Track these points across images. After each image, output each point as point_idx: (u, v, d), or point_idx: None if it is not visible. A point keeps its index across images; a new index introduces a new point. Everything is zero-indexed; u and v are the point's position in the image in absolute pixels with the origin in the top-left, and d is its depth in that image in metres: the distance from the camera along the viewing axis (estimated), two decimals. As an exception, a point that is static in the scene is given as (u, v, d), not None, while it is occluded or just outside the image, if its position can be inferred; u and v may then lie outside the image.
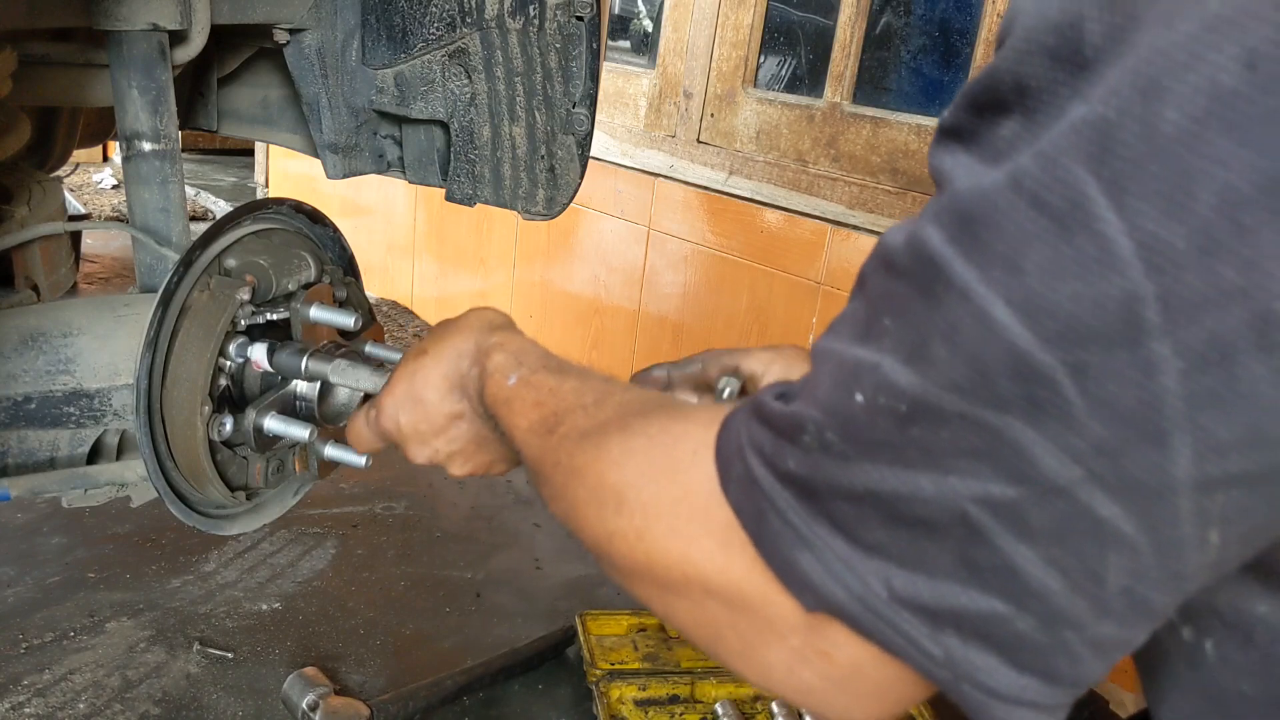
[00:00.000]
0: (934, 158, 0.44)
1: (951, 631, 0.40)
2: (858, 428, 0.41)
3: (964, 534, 0.39)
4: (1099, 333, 0.35)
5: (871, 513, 0.41)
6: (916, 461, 0.40)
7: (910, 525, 0.40)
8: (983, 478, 0.38)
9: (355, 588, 2.17)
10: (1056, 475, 0.37)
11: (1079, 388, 0.36)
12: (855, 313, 0.45)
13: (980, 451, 0.38)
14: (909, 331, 0.40)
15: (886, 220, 2.28)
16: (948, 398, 0.38)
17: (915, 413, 0.39)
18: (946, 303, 0.39)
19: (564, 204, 1.42)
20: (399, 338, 3.59)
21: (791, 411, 0.45)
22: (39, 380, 1.11)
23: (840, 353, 0.44)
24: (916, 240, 0.41)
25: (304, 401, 1.13)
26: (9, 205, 1.36)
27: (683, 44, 2.75)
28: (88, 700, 1.74)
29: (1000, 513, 0.38)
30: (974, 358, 0.38)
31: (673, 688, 1.83)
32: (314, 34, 1.36)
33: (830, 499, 0.42)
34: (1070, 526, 0.37)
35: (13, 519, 2.26)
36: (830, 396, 0.43)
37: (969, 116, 0.41)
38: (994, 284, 0.37)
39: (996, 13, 2.11)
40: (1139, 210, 0.34)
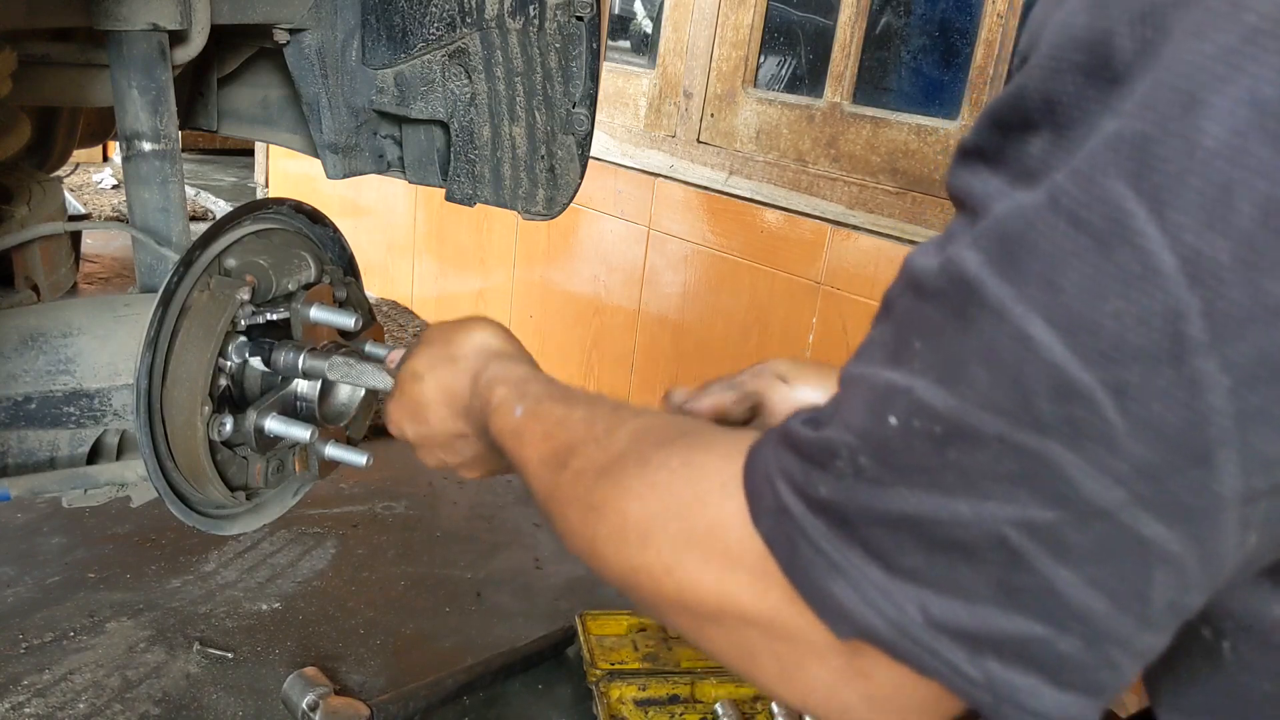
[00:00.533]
0: (957, 179, 0.43)
1: (991, 655, 0.39)
2: (892, 452, 0.41)
3: (1003, 558, 0.38)
4: (1142, 351, 0.34)
5: (907, 538, 0.40)
6: (953, 485, 0.39)
7: (947, 550, 0.39)
8: (1021, 502, 0.37)
9: (355, 588, 2.17)
10: (1098, 498, 0.36)
11: (1120, 408, 0.35)
12: (883, 337, 0.44)
13: (1019, 475, 0.37)
14: (942, 353, 0.40)
15: (886, 220, 2.28)
16: (985, 419, 0.38)
17: (952, 435, 0.39)
18: (982, 323, 0.38)
19: (564, 204, 1.42)
20: (399, 338, 3.59)
21: (822, 438, 0.44)
22: (39, 380, 1.11)
23: (870, 377, 0.43)
24: (951, 264, 0.40)
25: (304, 402, 1.13)
26: (9, 205, 1.36)
27: (683, 44, 2.75)
28: (88, 700, 1.74)
29: (1040, 536, 0.37)
30: (1012, 379, 0.37)
31: (673, 688, 1.83)
32: (314, 34, 1.36)
33: (864, 525, 0.41)
34: (1113, 548, 0.37)
35: (13, 519, 2.26)
36: (863, 421, 0.42)
37: (994, 137, 0.41)
38: (1032, 303, 0.36)
39: (996, 13, 2.11)
40: (1181, 224, 0.33)
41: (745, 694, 1.84)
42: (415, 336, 3.61)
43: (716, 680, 1.84)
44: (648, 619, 2.03)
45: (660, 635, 2.00)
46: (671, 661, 1.92)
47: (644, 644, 1.96)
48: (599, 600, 2.16)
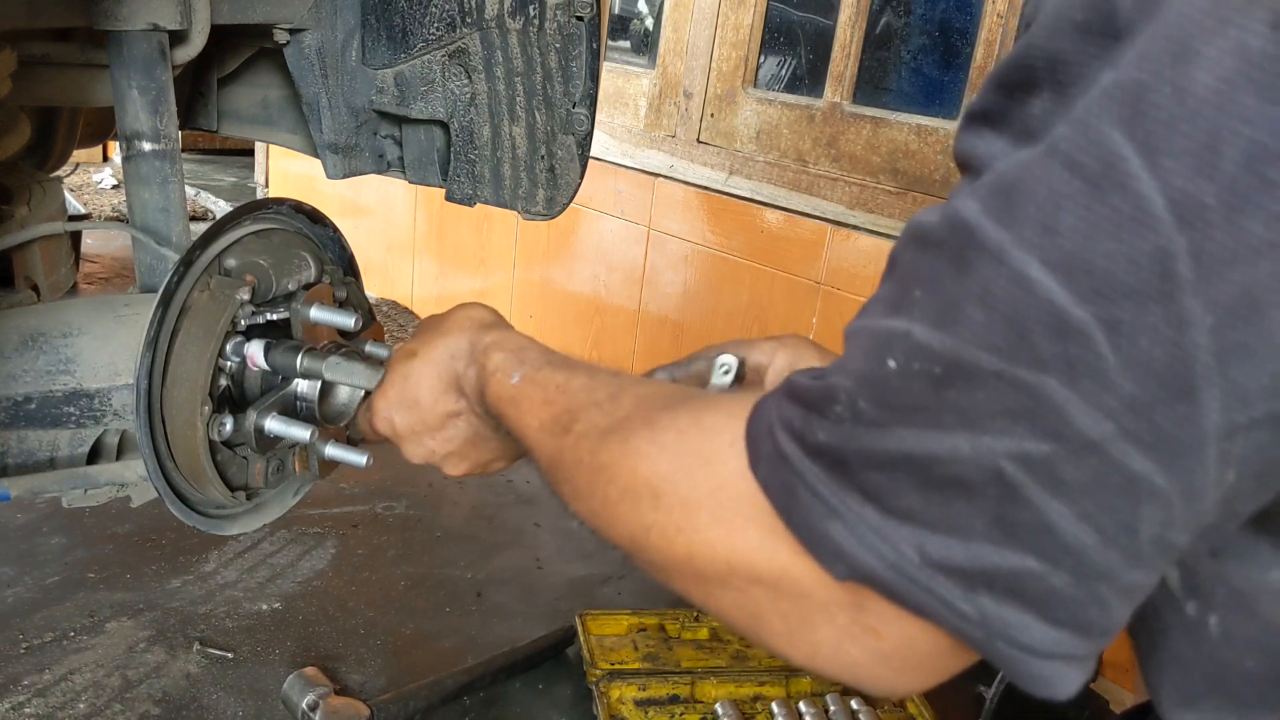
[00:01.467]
0: (962, 143, 0.44)
1: (984, 591, 0.40)
2: (891, 392, 0.42)
3: (999, 493, 0.39)
4: (1133, 289, 0.36)
5: (904, 479, 0.41)
6: (952, 423, 0.40)
7: (944, 488, 0.40)
8: (1018, 435, 0.38)
9: (355, 588, 2.17)
10: (1090, 431, 0.37)
11: (1113, 344, 0.36)
12: (885, 292, 0.45)
13: (1016, 410, 0.38)
14: (940, 297, 0.41)
15: (886, 220, 2.28)
16: (984, 357, 0.39)
17: (950, 374, 0.40)
18: (980, 267, 0.39)
19: (564, 204, 1.42)
20: (399, 338, 3.59)
21: (822, 384, 0.45)
22: (39, 380, 1.11)
23: (870, 327, 0.44)
24: (951, 213, 0.41)
25: (304, 402, 1.13)
26: (9, 205, 1.36)
27: (683, 44, 2.75)
28: (88, 700, 1.74)
29: (1035, 469, 0.38)
30: (1010, 317, 0.38)
31: (673, 688, 1.83)
32: (314, 34, 1.36)
33: (861, 468, 0.42)
34: (1103, 481, 0.38)
35: (13, 519, 2.26)
36: (862, 365, 0.43)
37: (999, 98, 0.42)
38: (1029, 245, 0.38)
39: (996, 13, 2.11)
40: (1171, 169, 0.35)
41: (745, 694, 1.84)
42: (415, 336, 3.62)
43: (716, 680, 1.84)
44: (648, 619, 2.03)
45: (660, 635, 2.00)
46: (671, 661, 1.92)
47: (644, 644, 1.96)
48: (599, 600, 2.16)
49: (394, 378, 0.82)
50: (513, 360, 0.71)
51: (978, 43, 2.15)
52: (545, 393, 0.66)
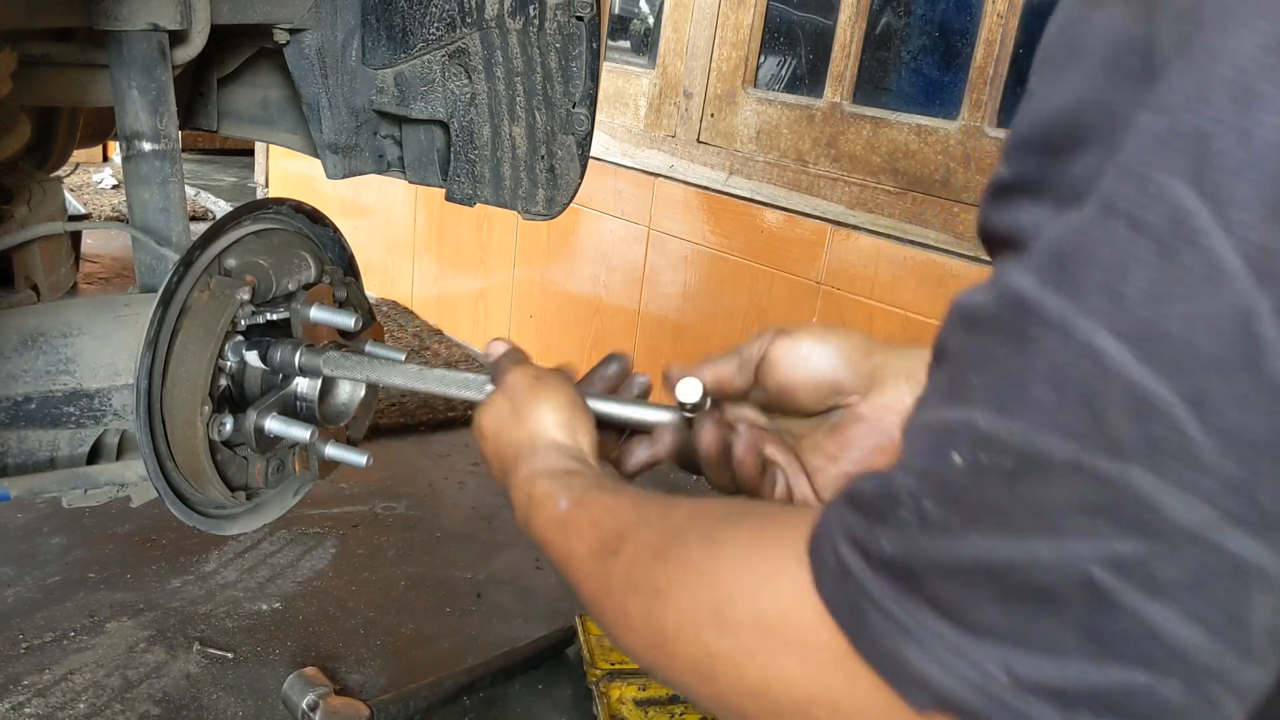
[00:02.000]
0: (996, 219, 0.41)
1: (1087, 712, 0.36)
2: (959, 491, 0.38)
3: (1090, 601, 0.35)
4: (1215, 356, 0.33)
5: (982, 590, 0.37)
6: (1028, 525, 0.36)
7: (1027, 599, 0.36)
8: (1105, 535, 0.35)
9: (355, 588, 2.17)
10: (1186, 520, 0.34)
11: (1200, 420, 0.33)
12: (937, 382, 0.42)
13: (1099, 506, 0.35)
14: (1001, 379, 0.38)
15: (886, 220, 2.28)
16: (1057, 444, 0.35)
17: (1022, 467, 0.36)
18: (1042, 342, 0.36)
19: (564, 204, 1.42)
20: (399, 338, 3.59)
21: (882, 486, 0.41)
22: (39, 380, 1.11)
23: (928, 421, 0.41)
24: (1002, 289, 0.38)
25: (304, 402, 1.13)
26: (9, 205, 1.36)
27: (683, 44, 2.75)
28: (88, 700, 1.74)
29: (1128, 572, 0.35)
30: (1082, 396, 0.35)
31: (673, 688, 1.83)
32: (314, 34, 1.36)
33: (933, 579, 0.39)
34: (1207, 573, 0.34)
35: (13, 519, 2.26)
36: (924, 462, 0.40)
37: (1035, 163, 0.39)
38: (1095, 314, 0.35)
39: (996, 13, 2.11)
40: (1244, 221, 0.32)
41: (745, 694, 1.84)
42: (415, 336, 3.62)
43: (716, 680, 1.84)
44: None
45: (660, 635, 2.00)
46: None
47: (644, 644, 1.96)
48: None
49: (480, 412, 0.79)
50: (560, 487, 0.67)
51: (978, 43, 2.15)
52: (592, 513, 0.62)
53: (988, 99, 2.13)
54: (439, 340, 3.63)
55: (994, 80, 2.13)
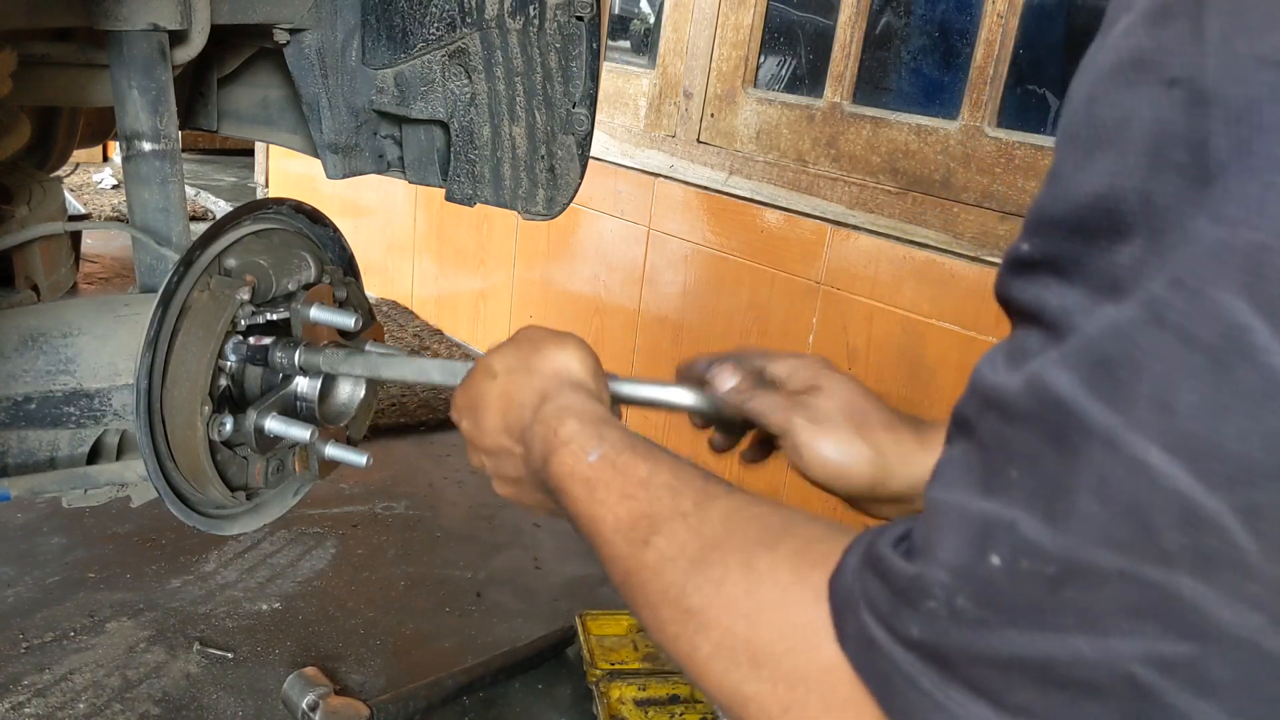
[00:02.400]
0: (1020, 291, 0.40)
1: None
2: (997, 593, 0.38)
3: (1131, 695, 0.35)
4: (1272, 471, 0.33)
5: (1019, 678, 0.37)
6: (1070, 625, 0.36)
7: (1066, 689, 0.37)
8: (1150, 636, 0.35)
9: (355, 588, 2.17)
10: (1236, 627, 0.34)
11: (1253, 531, 0.33)
12: (968, 460, 0.41)
13: (1145, 610, 0.35)
14: (1045, 485, 0.37)
15: (886, 220, 2.28)
16: (1103, 555, 0.35)
17: (1066, 574, 0.36)
18: (1089, 452, 0.36)
19: (564, 204, 1.42)
20: (399, 338, 3.59)
21: (913, 575, 0.41)
22: (39, 380, 1.11)
23: (962, 508, 0.40)
24: (1041, 387, 0.38)
25: (304, 401, 1.13)
26: (9, 205, 1.36)
27: (683, 44, 2.75)
28: (88, 700, 1.74)
29: (1174, 672, 0.35)
30: (1131, 510, 0.35)
31: (673, 688, 1.83)
32: (314, 34, 1.36)
33: (967, 665, 0.39)
34: (1256, 676, 0.34)
35: (13, 519, 2.26)
36: (959, 559, 0.39)
37: (1071, 244, 0.38)
38: (1145, 429, 0.34)
39: (996, 13, 2.11)
40: None
41: (745, 694, 1.84)
42: (415, 336, 3.62)
43: (716, 680, 1.84)
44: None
45: (660, 635, 2.00)
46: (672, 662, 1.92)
47: (644, 644, 1.96)
48: (599, 600, 2.16)
49: (472, 382, 0.78)
50: (591, 434, 0.64)
51: (978, 43, 2.15)
52: (625, 483, 0.59)
53: (988, 99, 2.13)
54: (439, 340, 3.63)
55: (994, 80, 2.13)
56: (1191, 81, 0.34)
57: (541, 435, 0.68)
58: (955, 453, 0.43)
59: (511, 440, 0.72)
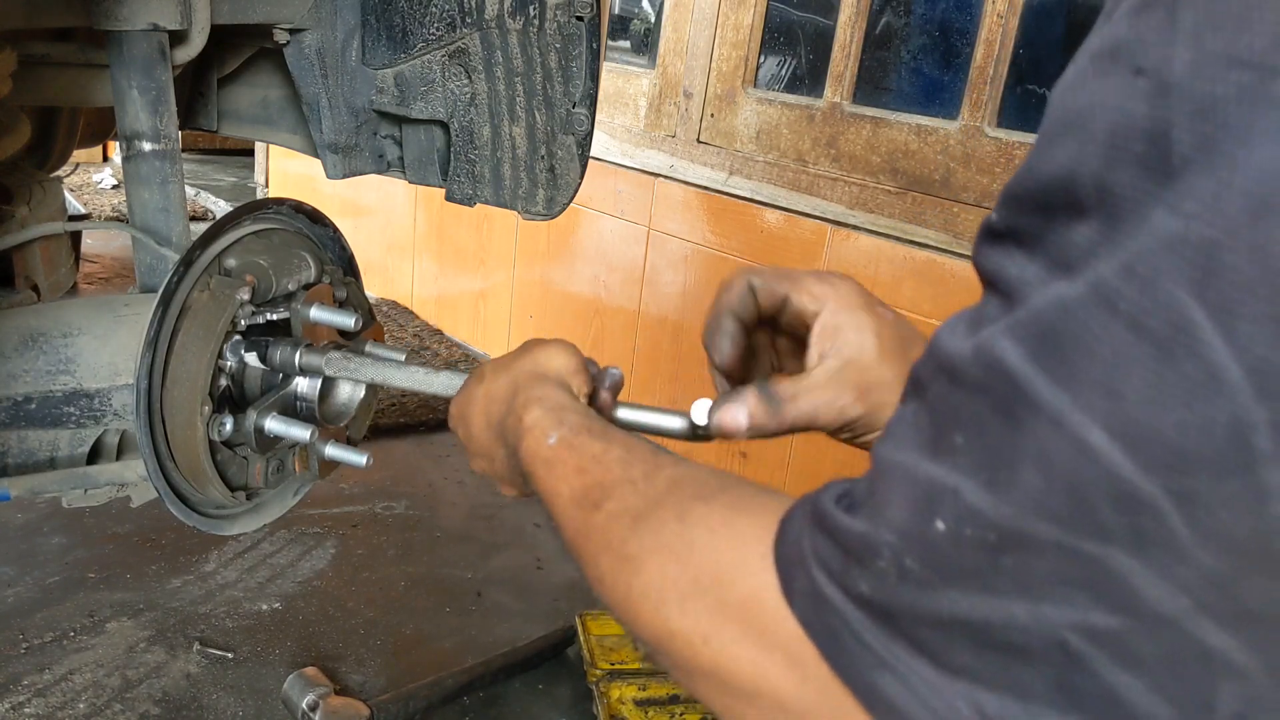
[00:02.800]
0: (985, 259, 0.42)
1: None
2: (942, 556, 0.39)
3: (1062, 660, 0.37)
4: (1207, 460, 0.34)
5: (958, 638, 0.39)
6: (1008, 590, 0.38)
7: (1001, 650, 0.38)
8: (1082, 607, 0.37)
9: (355, 588, 2.17)
10: (1163, 606, 0.35)
11: (1186, 517, 0.34)
12: (917, 421, 0.43)
13: (1079, 581, 0.37)
14: (989, 454, 0.39)
15: (886, 220, 2.28)
16: (1042, 526, 0.37)
17: (1006, 542, 0.38)
18: (1033, 427, 0.37)
19: (564, 204, 1.42)
20: (399, 338, 3.59)
21: (861, 533, 0.43)
22: (39, 380, 1.11)
23: (909, 469, 0.42)
24: (988, 354, 0.39)
25: (304, 402, 1.13)
26: (9, 205, 1.36)
27: (683, 44, 2.75)
28: (88, 700, 1.74)
29: (1102, 641, 0.36)
30: (1071, 486, 0.36)
31: (673, 688, 1.83)
32: (314, 34, 1.36)
33: (911, 624, 0.40)
34: (1178, 656, 0.36)
35: (13, 519, 2.26)
36: (906, 521, 0.41)
37: (1032, 219, 0.39)
38: (1090, 410, 0.36)
39: (996, 13, 2.11)
40: (1249, 335, 0.33)
41: (745, 694, 1.84)
42: (415, 336, 3.62)
43: (716, 680, 1.84)
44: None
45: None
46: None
47: (644, 644, 1.96)
48: (599, 600, 2.16)
49: (465, 389, 0.82)
50: (551, 420, 0.68)
51: (978, 42, 2.15)
52: (579, 459, 0.63)
53: (988, 99, 2.13)
54: (439, 340, 3.63)
55: (994, 80, 2.13)
56: (1158, 72, 0.35)
57: (511, 425, 0.72)
58: (907, 412, 0.44)
59: (494, 436, 0.76)
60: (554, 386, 0.73)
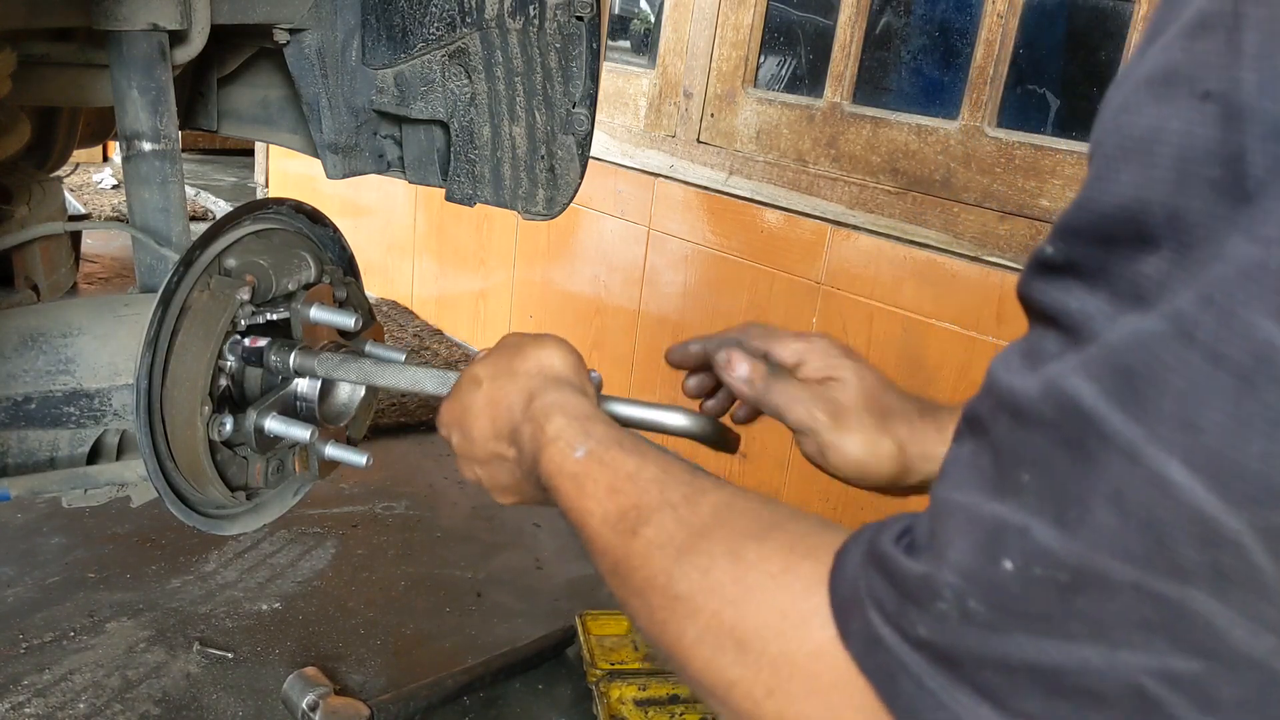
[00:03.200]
0: (1040, 293, 0.40)
1: None
2: (1009, 597, 0.38)
3: (1138, 706, 0.35)
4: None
5: (1025, 683, 0.37)
6: (1080, 633, 0.36)
7: (1072, 696, 0.37)
8: (1159, 651, 0.35)
9: (355, 588, 2.17)
10: (1248, 647, 0.34)
11: (1272, 553, 0.33)
12: (978, 461, 0.41)
13: (1156, 624, 0.35)
14: (1059, 492, 0.37)
15: (886, 220, 2.28)
16: (1117, 566, 0.35)
17: (1079, 582, 0.36)
18: (1107, 463, 0.35)
19: (564, 204, 1.42)
20: (399, 338, 3.59)
21: (921, 575, 0.41)
22: (39, 380, 1.11)
23: (972, 509, 0.40)
24: (1059, 393, 0.37)
25: (304, 402, 1.13)
26: (9, 205, 1.36)
27: (683, 44, 2.75)
28: (88, 700, 1.74)
29: (1182, 687, 0.35)
30: (1148, 524, 0.34)
31: (673, 688, 1.83)
32: (314, 34, 1.36)
33: (974, 667, 0.39)
34: (1264, 699, 0.35)
35: (13, 519, 2.26)
36: (970, 562, 0.39)
37: (1094, 251, 0.38)
38: (1168, 444, 0.34)
39: (996, 13, 2.11)
40: None
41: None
42: (415, 336, 3.62)
43: (716, 680, 1.84)
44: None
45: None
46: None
47: (644, 644, 1.96)
48: (599, 600, 2.16)
49: (458, 394, 0.78)
50: (577, 430, 0.65)
51: (978, 42, 2.15)
52: (613, 478, 0.60)
53: (988, 99, 2.13)
54: (439, 340, 3.63)
55: (994, 80, 2.13)
56: (1225, 96, 0.34)
57: (530, 434, 0.68)
58: (965, 452, 0.42)
59: (503, 444, 0.72)
60: (572, 391, 0.70)
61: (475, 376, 0.76)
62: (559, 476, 0.64)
